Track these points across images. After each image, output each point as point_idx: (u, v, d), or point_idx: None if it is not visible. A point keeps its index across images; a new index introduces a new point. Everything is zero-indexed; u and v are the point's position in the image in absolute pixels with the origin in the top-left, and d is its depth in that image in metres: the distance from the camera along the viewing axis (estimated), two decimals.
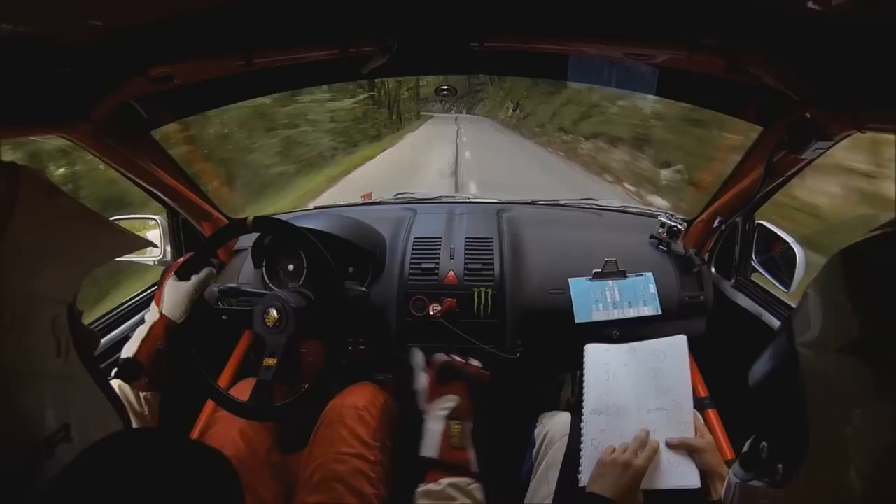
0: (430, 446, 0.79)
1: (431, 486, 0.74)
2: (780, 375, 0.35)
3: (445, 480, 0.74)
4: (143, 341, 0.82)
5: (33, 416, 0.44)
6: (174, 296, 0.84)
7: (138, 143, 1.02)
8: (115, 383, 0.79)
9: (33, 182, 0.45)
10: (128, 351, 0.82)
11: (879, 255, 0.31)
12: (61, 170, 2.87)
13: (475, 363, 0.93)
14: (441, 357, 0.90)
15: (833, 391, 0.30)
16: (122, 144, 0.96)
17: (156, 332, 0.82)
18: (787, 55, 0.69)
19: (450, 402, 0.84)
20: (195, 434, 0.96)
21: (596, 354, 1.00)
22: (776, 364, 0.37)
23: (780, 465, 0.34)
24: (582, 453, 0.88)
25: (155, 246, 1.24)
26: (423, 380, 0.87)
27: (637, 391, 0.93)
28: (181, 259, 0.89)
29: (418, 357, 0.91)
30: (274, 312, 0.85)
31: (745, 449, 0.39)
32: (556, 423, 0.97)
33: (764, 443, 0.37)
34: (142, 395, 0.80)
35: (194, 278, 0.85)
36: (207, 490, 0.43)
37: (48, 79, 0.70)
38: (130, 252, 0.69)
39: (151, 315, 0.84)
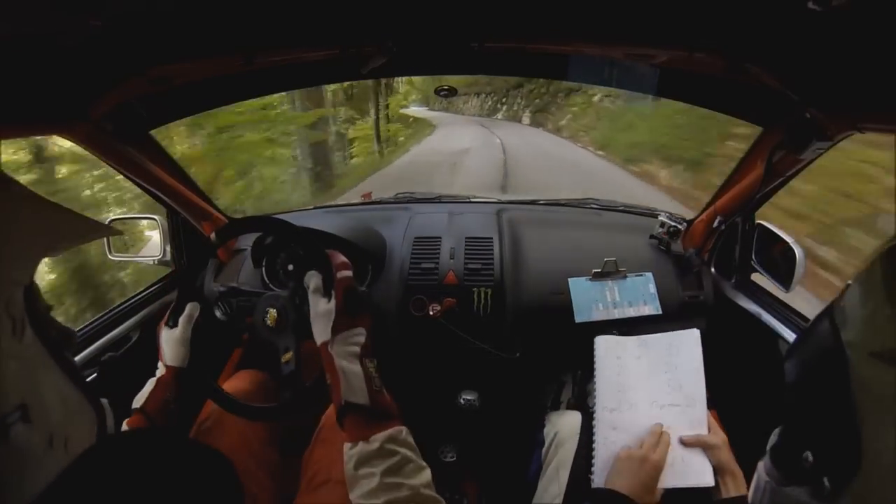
0: (357, 390, 0.67)
1: (365, 448, 0.63)
2: (826, 375, 0.32)
3: (379, 437, 0.64)
4: (151, 393, 0.83)
5: None
6: (171, 344, 0.85)
7: (138, 142, 1.02)
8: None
9: None
10: (137, 403, 0.83)
11: None
12: None
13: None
14: (346, 275, 0.75)
15: (880, 401, 0.28)
16: (121, 144, 0.96)
17: (163, 383, 0.83)
18: (787, 55, 0.69)
19: (359, 335, 0.72)
20: (192, 431, 0.96)
21: (607, 347, 0.97)
22: (821, 362, 0.33)
23: (826, 479, 0.31)
24: (594, 453, 0.85)
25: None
26: (325, 306, 0.72)
27: (649, 386, 0.91)
28: (168, 311, 0.90)
29: (316, 279, 0.75)
30: (274, 312, 0.85)
31: (774, 441, 0.36)
32: (566, 423, 0.96)
33: (808, 453, 0.33)
34: None
35: (181, 320, 0.85)
36: (208, 491, 0.43)
37: (47, 78, 0.70)
38: (88, 237, 0.69)
39: (159, 371, 0.86)
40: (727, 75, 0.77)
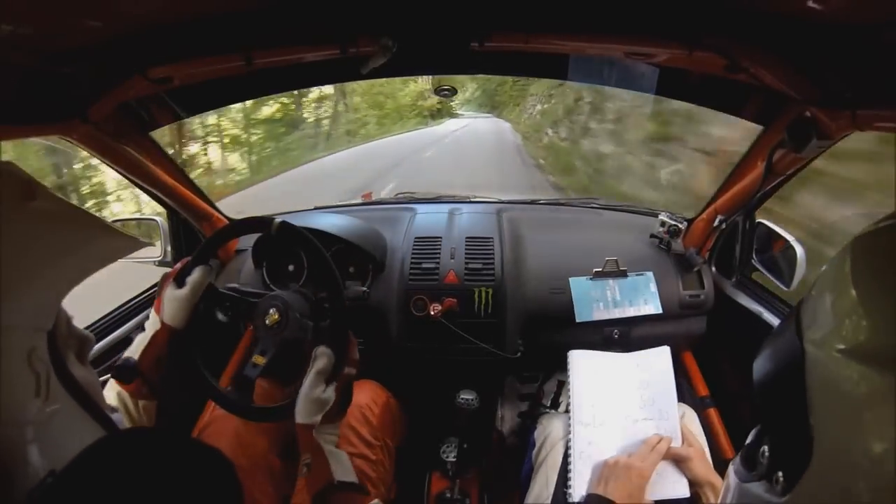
0: (347, 471, 0.77)
1: None
2: (785, 373, 0.32)
3: None
4: (145, 350, 0.81)
5: (12, 472, 0.38)
6: (174, 303, 0.83)
7: (138, 143, 1.02)
8: (114, 390, 0.78)
9: (8, 183, 0.37)
10: (134, 354, 0.81)
11: (889, 250, 0.28)
12: None
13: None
14: (352, 372, 0.82)
15: (842, 398, 0.27)
16: (121, 145, 0.96)
17: (157, 341, 0.82)
18: (788, 55, 0.69)
19: (337, 429, 0.83)
20: (194, 434, 0.95)
21: (581, 362, 0.99)
22: (781, 360, 0.34)
23: (779, 474, 0.31)
24: (570, 468, 0.86)
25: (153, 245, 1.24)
26: (323, 394, 0.77)
27: (623, 401, 0.93)
28: (178, 266, 0.87)
29: (326, 362, 0.78)
30: (275, 313, 0.85)
31: (748, 440, 0.37)
32: (556, 426, 0.97)
33: (765, 447, 0.34)
34: (140, 403, 0.79)
35: (189, 281, 0.83)
36: (206, 490, 0.43)
37: (47, 79, 0.70)
38: (124, 255, 0.61)
39: (152, 324, 0.83)
40: (727, 75, 0.76)
